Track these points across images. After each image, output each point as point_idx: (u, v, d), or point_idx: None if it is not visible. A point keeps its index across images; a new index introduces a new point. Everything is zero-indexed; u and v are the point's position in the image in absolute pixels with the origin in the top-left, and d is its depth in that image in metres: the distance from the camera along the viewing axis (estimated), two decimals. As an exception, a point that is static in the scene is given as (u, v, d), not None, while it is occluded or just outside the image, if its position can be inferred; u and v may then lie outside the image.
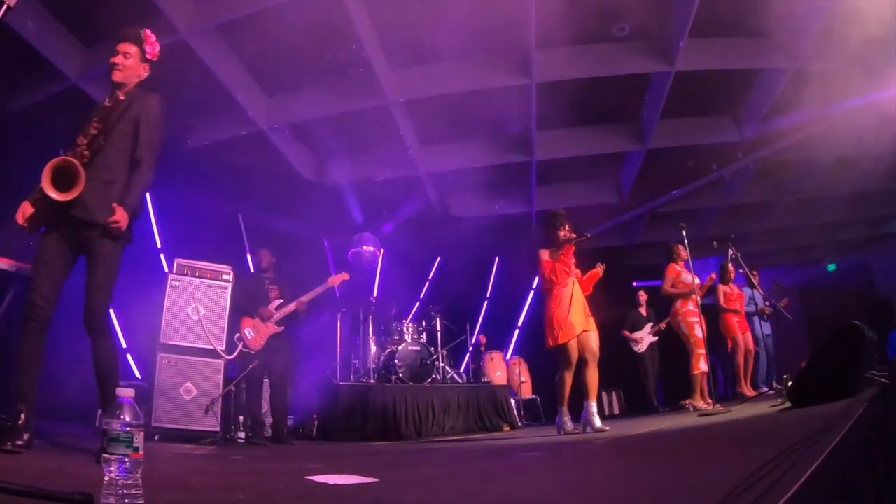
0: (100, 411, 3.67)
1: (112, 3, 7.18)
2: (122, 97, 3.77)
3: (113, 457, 2.01)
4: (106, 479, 2.00)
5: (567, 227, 6.34)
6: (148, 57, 3.92)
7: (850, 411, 2.57)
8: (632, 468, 3.19)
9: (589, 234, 6.46)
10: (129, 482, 2.00)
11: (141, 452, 2.07)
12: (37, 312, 3.54)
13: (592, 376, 6.21)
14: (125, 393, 2.11)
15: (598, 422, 6.01)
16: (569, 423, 6.24)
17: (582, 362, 6.21)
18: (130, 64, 3.83)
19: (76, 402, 6.18)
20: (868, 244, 16.87)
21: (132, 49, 3.86)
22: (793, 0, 7.72)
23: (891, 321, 12.19)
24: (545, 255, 6.38)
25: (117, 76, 3.80)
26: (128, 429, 2.02)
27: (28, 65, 7.68)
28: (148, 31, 3.93)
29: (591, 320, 6.38)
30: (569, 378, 6.18)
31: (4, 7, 2.30)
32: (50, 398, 5.16)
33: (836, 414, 2.61)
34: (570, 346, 6.09)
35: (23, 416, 3.41)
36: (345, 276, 7.78)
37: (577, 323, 6.15)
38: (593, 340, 6.28)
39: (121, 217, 3.55)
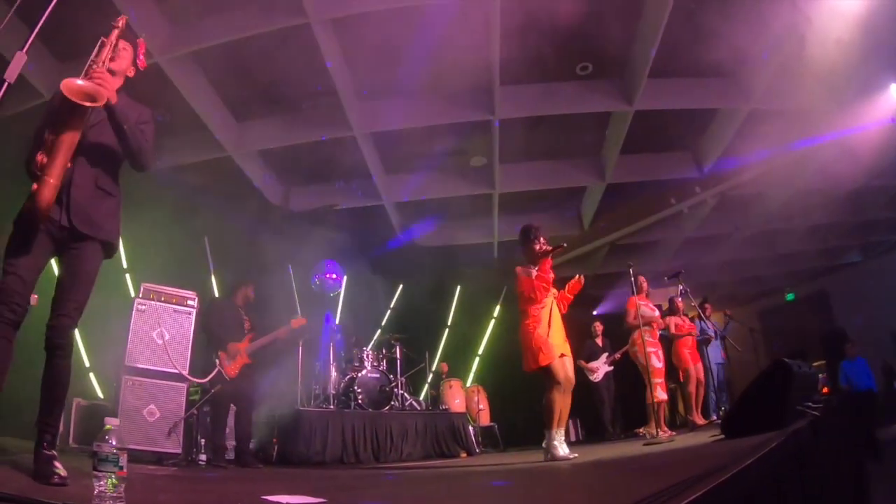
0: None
1: (88, 20, 7.28)
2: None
3: (102, 473, 2.28)
4: (96, 491, 2.26)
5: (542, 240, 6.12)
6: (137, 63, 3.88)
7: (760, 447, 2.79)
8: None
9: (565, 245, 6.24)
10: (115, 495, 2.28)
11: (125, 471, 2.34)
12: (13, 299, 3.08)
13: (567, 404, 5.88)
14: (112, 421, 2.41)
15: (561, 450, 5.68)
16: (559, 449, 5.70)
17: None
18: (124, 56, 3.74)
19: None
20: (825, 275, 17.32)
21: (128, 47, 3.78)
22: (749, 43, 8.04)
23: (843, 350, 12.50)
24: (522, 272, 6.07)
25: (113, 65, 3.64)
26: (115, 451, 2.31)
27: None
28: (142, 40, 3.93)
29: (567, 344, 6.07)
30: (558, 398, 5.75)
31: (5, 85, 2.45)
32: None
33: (745, 449, 2.83)
34: (554, 366, 5.74)
35: None
36: (303, 320, 7.99)
37: (557, 344, 5.87)
38: (570, 367, 5.96)
39: (109, 90, 3.36)
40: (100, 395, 8.20)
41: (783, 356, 4.96)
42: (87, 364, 8.27)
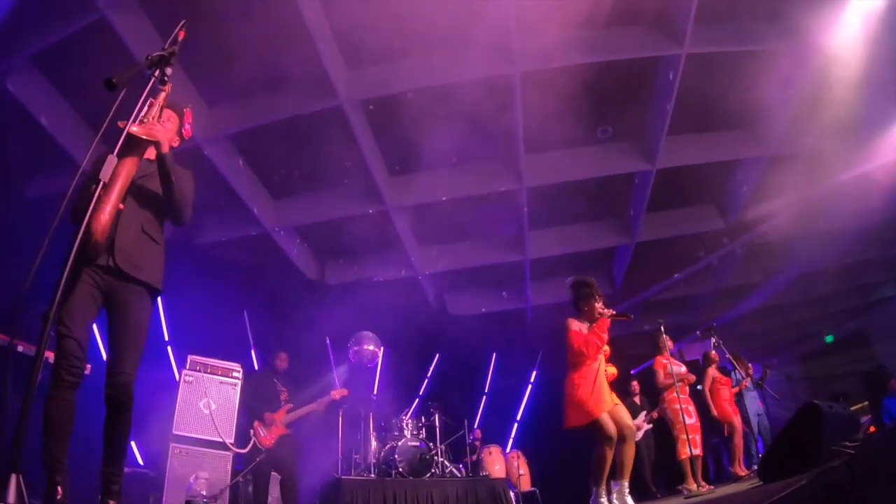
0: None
1: (130, 103, 7.68)
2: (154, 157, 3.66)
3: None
4: None
5: (602, 301, 5.79)
6: (182, 132, 4.00)
7: (789, 486, 2.89)
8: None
9: (632, 316, 6.04)
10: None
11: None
12: (72, 363, 3.12)
13: (629, 453, 5.55)
14: (202, 474, 2.67)
15: (630, 501, 5.45)
16: None
17: (619, 439, 5.46)
18: (169, 128, 3.80)
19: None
20: (862, 312, 17.11)
21: (173, 117, 3.90)
22: (762, 92, 8.25)
23: (886, 387, 12.22)
24: (574, 324, 5.76)
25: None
26: (205, 499, 2.56)
27: (46, 154, 7.94)
28: (189, 109, 4.09)
29: (615, 398, 5.77)
30: (609, 454, 5.38)
31: (101, 184, 2.71)
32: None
33: (777, 490, 2.92)
34: (602, 419, 5.39)
35: (59, 489, 2.97)
36: (344, 391, 8.21)
37: (604, 400, 5.55)
38: (626, 414, 5.66)
39: (163, 137, 3.50)
40: (140, 462, 8.39)
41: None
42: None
